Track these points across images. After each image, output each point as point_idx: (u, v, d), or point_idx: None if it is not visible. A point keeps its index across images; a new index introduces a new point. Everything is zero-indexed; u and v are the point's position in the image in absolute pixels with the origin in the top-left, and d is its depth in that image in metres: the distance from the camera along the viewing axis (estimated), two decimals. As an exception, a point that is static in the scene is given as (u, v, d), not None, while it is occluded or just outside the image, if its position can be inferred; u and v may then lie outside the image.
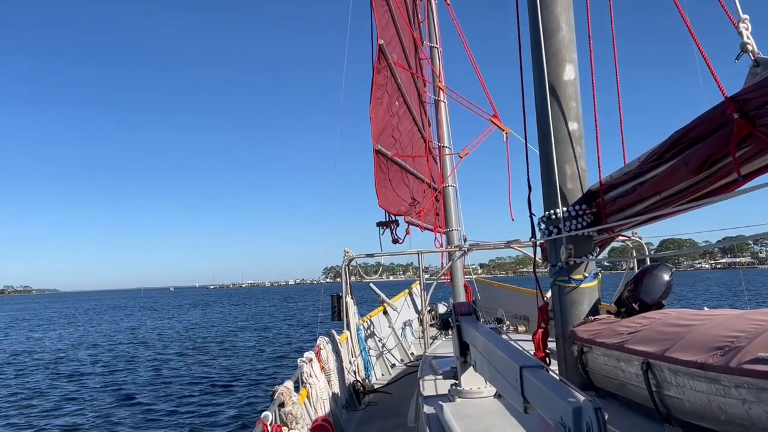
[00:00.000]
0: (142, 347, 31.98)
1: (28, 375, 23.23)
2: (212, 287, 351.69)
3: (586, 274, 4.27)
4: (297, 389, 5.26)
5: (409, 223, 11.19)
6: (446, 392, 4.42)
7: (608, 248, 5.00)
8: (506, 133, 10.18)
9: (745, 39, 2.80)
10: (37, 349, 33.55)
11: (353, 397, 7.92)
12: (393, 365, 10.92)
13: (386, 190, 9.50)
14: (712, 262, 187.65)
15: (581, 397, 2.00)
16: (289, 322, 45.95)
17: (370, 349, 10.14)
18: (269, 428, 4.05)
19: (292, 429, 4.48)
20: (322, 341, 7.14)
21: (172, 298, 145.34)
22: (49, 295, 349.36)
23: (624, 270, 6.55)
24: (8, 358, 29.06)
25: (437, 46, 12.86)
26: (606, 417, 1.89)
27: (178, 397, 17.50)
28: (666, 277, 3.93)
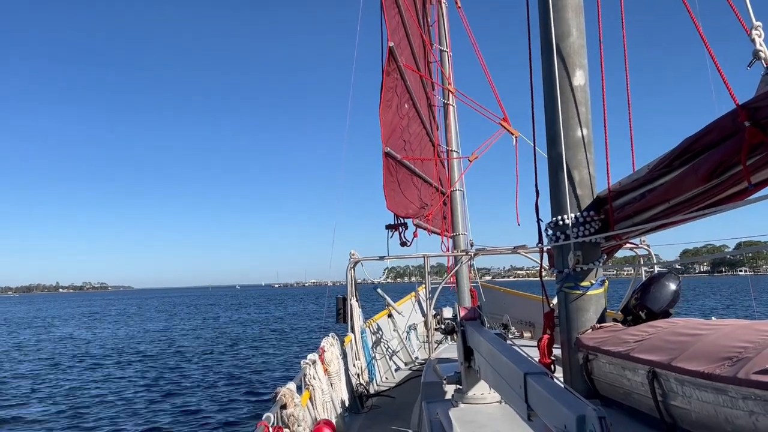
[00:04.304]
0: (166, 346, 32.14)
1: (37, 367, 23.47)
2: (276, 286, 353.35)
3: (593, 281, 4.24)
4: (300, 391, 5.24)
5: (417, 226, 11.15)
6: (450, 397, 4.39)
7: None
8: (515, 137, 10.14)
9: (758, 46, 2.76)
10: (79, 345, 34.06)
11: (356, 400, 7.88)
12: (397, 369, 10.88)
13: (395, 192, 9.46)
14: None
15: (586, 406, 1.97)
16: (306, 322, 46.23)
17: (374, 352, 10.10)
18: (270, 430, 4.03)
19: (293, 431, 4.46)
20: (326, 343, 7.11)
21: (236, 297, 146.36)
22: (124, 292, 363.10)
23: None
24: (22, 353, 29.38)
25: (447, 50, 12.84)
26: (610, 426, 1.86)
27: (180, 396, 17.55)
28: (673, 285, 3.90)
